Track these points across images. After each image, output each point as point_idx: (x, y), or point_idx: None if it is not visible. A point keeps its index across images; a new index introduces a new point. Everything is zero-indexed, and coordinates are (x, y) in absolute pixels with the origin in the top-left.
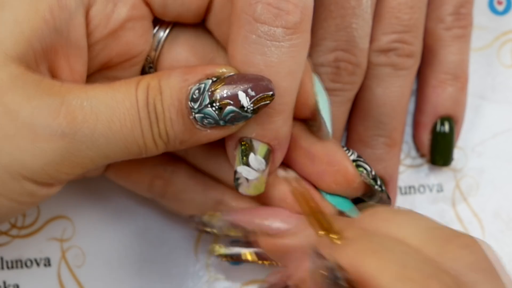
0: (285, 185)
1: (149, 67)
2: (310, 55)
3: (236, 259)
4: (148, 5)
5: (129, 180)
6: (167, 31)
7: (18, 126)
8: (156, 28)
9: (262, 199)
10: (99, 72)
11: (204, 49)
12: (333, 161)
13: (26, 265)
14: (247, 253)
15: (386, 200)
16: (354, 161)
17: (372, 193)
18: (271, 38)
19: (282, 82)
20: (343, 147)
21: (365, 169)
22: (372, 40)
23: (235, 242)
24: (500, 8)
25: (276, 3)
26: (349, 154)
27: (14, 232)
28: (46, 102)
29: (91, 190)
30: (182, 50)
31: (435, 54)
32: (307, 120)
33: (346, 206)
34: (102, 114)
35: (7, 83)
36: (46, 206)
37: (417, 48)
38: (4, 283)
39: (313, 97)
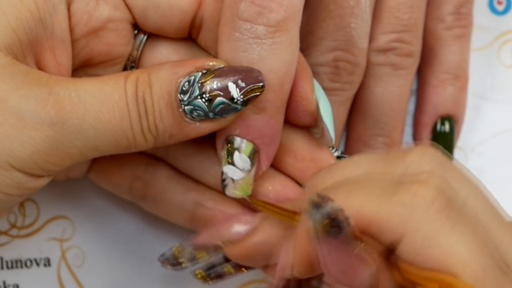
0: (267, 181)
1: (131, 66)
2: (309, 55)
3: (220, 277)
4: (130, 10)
5: (110, 181)
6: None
7: (6, 114)
8: (138, 29)
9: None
10: (80, 68)
11: (186, 49)
12: (316, 158)
13: (26, 265)
14: (226, 268)
15: None
16: (338, 157)
17: None
18: (253, 35)
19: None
20: None
21: None
22: (371, 39)
23: (211, 265)
24: (500, 8)
25: (259, 1)
26: (333, 151)
27: (14, 232)
28: (34, 92)
29: (91, 190)
30: (164, 50)
31: (435, 54)
32: (309, 127)
33: None
34: (90, 105)
35: None
36: (46, 206)
37: (416, 47)
38: (4, 283)
39: (314, 104)
